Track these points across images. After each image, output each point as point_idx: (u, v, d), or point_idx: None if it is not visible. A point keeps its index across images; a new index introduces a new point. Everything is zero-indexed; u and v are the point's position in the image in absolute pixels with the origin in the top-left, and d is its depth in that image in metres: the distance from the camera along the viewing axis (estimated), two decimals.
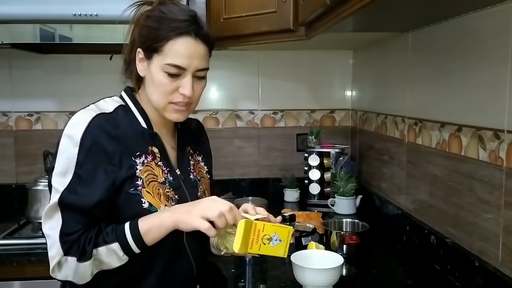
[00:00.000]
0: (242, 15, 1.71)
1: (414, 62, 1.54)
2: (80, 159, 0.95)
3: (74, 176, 0.95)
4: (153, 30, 1.01)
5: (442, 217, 1.34)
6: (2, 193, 2.12)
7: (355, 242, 1.41)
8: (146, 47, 1.03)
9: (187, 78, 1.03)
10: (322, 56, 2.25)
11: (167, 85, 1.03)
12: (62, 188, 0.95)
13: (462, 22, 1.23)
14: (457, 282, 1.22)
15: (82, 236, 0.94)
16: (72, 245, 0.93)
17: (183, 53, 1.01)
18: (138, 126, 1.06)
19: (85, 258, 0.93)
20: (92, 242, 0.94)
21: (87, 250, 0.93)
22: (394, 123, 1.71)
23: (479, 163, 1.15)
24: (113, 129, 0.99)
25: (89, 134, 0.96)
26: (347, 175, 1.93)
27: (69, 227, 0.94)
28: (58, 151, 0.98)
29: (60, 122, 2.17)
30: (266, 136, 2.29)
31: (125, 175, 0.99)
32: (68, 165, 0.95)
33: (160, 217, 0.97)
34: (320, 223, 1.64)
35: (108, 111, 1.02)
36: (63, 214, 0.95)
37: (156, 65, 1.02)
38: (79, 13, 1.62)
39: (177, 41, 1.01)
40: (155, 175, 1.04)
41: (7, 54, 2.07)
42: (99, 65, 2.12)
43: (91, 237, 0.94)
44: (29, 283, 1.57)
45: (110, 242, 0.95)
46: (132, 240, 0.95)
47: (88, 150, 0.95)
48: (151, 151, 1.06)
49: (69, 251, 0.93)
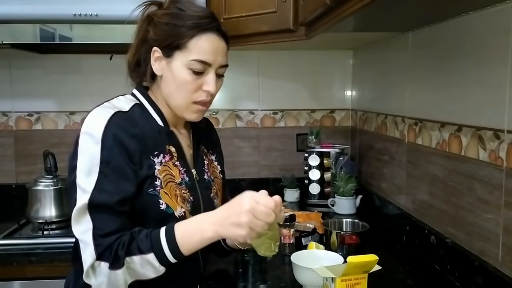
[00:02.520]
0: (242, 15, 1.71)
1: (414, 62, 1.54)
2: (104, 157, 0.92)
3: (100, 175, 0.92)
4: (174, 27, 1.00)
5: (442, 217, 1.34)
6: (2, 193, 2.12)
7: (355, 242, 1.41)
8: (166, 45, 1.01)
9: (211, 75, 1.03)
10: (322, 56, 2.25)
11: (191, 82, 1.01)
12: (90, 188, 0.91)
13: (462, 22, 1.23)
14: (457, 282, 1.22)
15: (116, 242, 0.90)
16: (106, 249, 0.90)
17: (209, 49, 1.01)
18: (155, 124, 1.04)
19: (118, 266, 0.89)
20: (124, 248, 0.90)
21: (120, 256, 0.89)
22: (394, 123, 1.71)
23: (479, 163, 1.15)
24: (132, 127, 0.97)
25: (109, 132, 0.93)
26: (347, 175, 1.93)
27: (101, 228, 0.91)
28: (79, 150, 0.94)
29: (60, 122, 2.18)
30: (266, 136, 2.29)
31: (145, 174, 0.97)
32: (92, 164, 0.92)
33: (200, 228, 0.92)
34: (320, 223, 1.63)
35: (125, 110, 1.00)
36: (93, 215, 0.91)
37: (178, 62, 1.01)
38: (79, 13, 1.62)
39: (202, 37, 1.00)
40: (172, 176, 1.03)
41: (7, 54, 2.07)
42: (99, 65, 2.13)
43: (124, 242, 0.90)
44: (29, 283, 1.57)
45: (145, 252, 0.90)
46: (168, 250, 0.91)
47: (110, 148, 0.93)
48: (169, 150, 1.04)
49: (102, 255, 0.90)
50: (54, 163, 1.78)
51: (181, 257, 0.92)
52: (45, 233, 1.70)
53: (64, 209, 1.75)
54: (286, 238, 1.46)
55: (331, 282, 0.96)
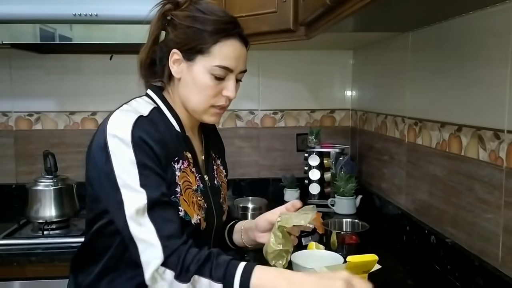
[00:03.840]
0: (242, 15, 1.71)
1: (414, 62, 1.54)
2: (139, 160, 0.90)
3: (141, 177, 0.90)
4: (198, 31, 0.98)
5: (442, 217, 1.34)
6: (2, 193, 2.12)
7: (355, 242, 1.41)
8: (188, 49, 0.99)
9: (232, 81, 1.02)
10: (322, 56, 2.25)
11: (212, 87, 1.00)
12: (140, 187, 0.89)
13: (462, 22, 1.23)
14: (457, 282, 1.22)
15: (184, 250, 0.88)
16: (172, 254, 0.87)
17: (231, 55, 1.00)
18: (173, 130, 1.03)
19: (185, 279, 0.86)
20: (198, 265, 0.87)
21: (190, 270, 0.86)
22: (394, 123, 1.71)
23: (479, 163, 1.15)
24: (155, 132, 0.95)
25: (137, 136, 0.91)
26: (347, 175, 1.93)
27: (164, 229, 0.89)
28: (111, 153, 0.91)
29: (60, 122, 2.18)
30: (266, 136, 2.29)
31: (168, 180, 0.96)
32: (130, 166, 0.90)
33: (275, 283, 0.86)
34: (320, 223, 1.63)
35: (145, 114, 0.98)
36: (154, 214, 0.89)
37: (200, 66, 0.99)
38: (79, 13, 1.62)
39: (225, 43, 0.99)
40: (190, 182, 1.02)
41: (7, 54, 2.07)
42: (99, 65, 2.13)
43: (199, 259, 0.87)
44: (29, 283, 1.57)
45: (215, 279, 0.86)
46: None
47: (142, 151, 0.91)
48: (186, 156, 1.03)
49: (168, 259, 0.87)
50: (54, 163, 1.78)
51: None
52: (45, 233, 1.70)
53: (64, 209, 1.76)
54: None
55: None
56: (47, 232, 1.70)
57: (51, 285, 1.54)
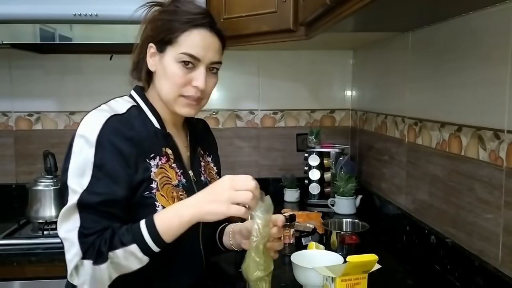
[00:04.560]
0: (242, 15, 1.71)
1: (414, 62, 1.54)
2: (97, 160, 0.93)
3: (93, 178, 0.92)
4: (167, 22, 1.02)
5: (442, 217, 1.34)
6: (2, 193, 2.12)
7: (355, 242, 1.41)
8: (159, 40, 1.03)
9: (201, 70, 1.03)
10: (322, 56, 2.25)
11: (181, 76, 1.02)
12: (81, 189, 0.92)
13: (462, 22, 1.23)
14: (457, 282, 1.22)
15: (98, 239, 0.91)
16: (89, 247, 0.90)
17: (199, 44, 1.01)
18: (151, 127, 1.05)
19: (101, 261, 0.90)
20: (107, 243, 0.90)
21: (103, 251, 0.90)
22: (394, 123, 1.71)
23: (479, 163, 1.15)
24: (128, 130, 0.98)
25: (104, 136, 0.94)
26: (347, 175, 1.93)
27: (88, 228, 0.91)
28: (72, 152, 0.95)
29: (60, 122, 2.18)
30: (266, 136, 2.29)
31: (140, 177, 0.97)
32: (85, 167, 0.93)
33: (178, 213, 0.93)
34: (320, 223, 1.63)
35: (121, 112, 1.01)
36: (82, 215, 0.92)
37: (169, 56, 1.02)
38: (79, 13, 1.62)
39: (192, 32, 1.01)
40: (169, 178, 1.03)
41: (7, 54, 2.07)
42: (99, 65, 2.13)
43: (106, 238, 0.91)
44: (29, 283, 1.57)
45: (128, 243, 0.90)
46: (150, 239, 0.91)
47: (104, 152, 0.93)
48: (165, 153, 1.04)
49: (86, 253, 0.90)
50: (54, 163, 1.78)
51: (164, 245, 0.92)
52: (45, 233, 1.69)
53: None
54: (286, 238, 1.46)
55: (331, 282, 0.96)
56: (47, 232, 1.70)
57: (51, 285, 1.54)
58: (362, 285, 0.96)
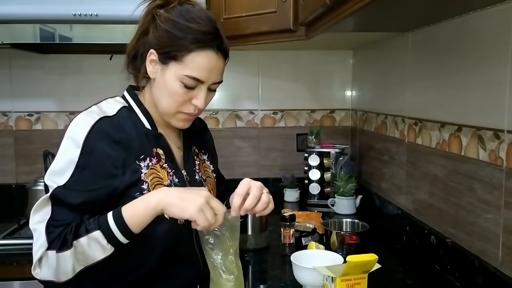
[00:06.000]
0: (242, 15, 1.71)
1: (414, 62, 1.54)
2: (81, 162, 0.93)
3: (72, 177, 0.93)
4: (174, 38, 0.98)
5: (442, 217, 1.34)
6: (2, 193, 2.12)
7: (355, 242, 1.41)
8: (164, 52, 1.00)
9: (202, 91, 1.02)
10: (322, 56, 2.25)
11: (181, 95, 1.01)
12: (57, 184, 0.93)
13: (462, 22, 1.23)
14: (457, 282, 1.22)
15: (65, 230, 0.91)
16: (55, 238, 0.90)
17: (204, 67, 0.99)
18: (142, 128, 1.04)
19: (65, 248, 0.89)
20: (72, 231, 0.90)
21: (68, 239, 0.89)
22: (394, 123, 1.71)
23: (479, 163, 1.15)
24: (116, 133, 0.98)
25: (91, 138, 0.94)
26: (347, 175, 1.93)
27: (58, 220, 0.91)
28: (59, 151, 0.96)
29: (60, 122, 2.18)
30: (266, 136, 2.29)
31: (129, 180, 0.97)
32: (67, 166, 0.94)
33: (146, 198, 0.93)
34: (320, 223, 1.63)
35: (111, 114, 1.00)
36: (54, 207, 0.92)
37: (172, 72, 1.00)
38: (79, 13, 1.62)
39: (200, 54, 0.98)
40: (161, 178, 1.03)
41: (7, 54, 2.07)
42: (99, 65, 2.12)
43: (72, 227, 0.90)
44: (29, 283, 1.56)
45: (92, 230, 0.90)
46: (115, 226, 0.90)
47: (90, 154, 0.94)
48: (156, 153, 1.04)
49: (51, 244, 0.89)
50: None
51: (129, 233, 0.91)
52: None
53: None
54: (286, 238, 1.46)
55: (331, 282, 0.96)
56: None
57: None
58: (362, 285, 0.96)
